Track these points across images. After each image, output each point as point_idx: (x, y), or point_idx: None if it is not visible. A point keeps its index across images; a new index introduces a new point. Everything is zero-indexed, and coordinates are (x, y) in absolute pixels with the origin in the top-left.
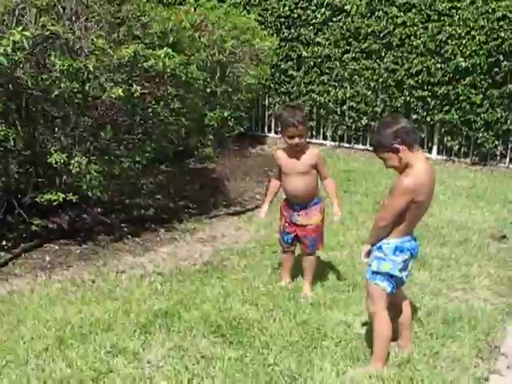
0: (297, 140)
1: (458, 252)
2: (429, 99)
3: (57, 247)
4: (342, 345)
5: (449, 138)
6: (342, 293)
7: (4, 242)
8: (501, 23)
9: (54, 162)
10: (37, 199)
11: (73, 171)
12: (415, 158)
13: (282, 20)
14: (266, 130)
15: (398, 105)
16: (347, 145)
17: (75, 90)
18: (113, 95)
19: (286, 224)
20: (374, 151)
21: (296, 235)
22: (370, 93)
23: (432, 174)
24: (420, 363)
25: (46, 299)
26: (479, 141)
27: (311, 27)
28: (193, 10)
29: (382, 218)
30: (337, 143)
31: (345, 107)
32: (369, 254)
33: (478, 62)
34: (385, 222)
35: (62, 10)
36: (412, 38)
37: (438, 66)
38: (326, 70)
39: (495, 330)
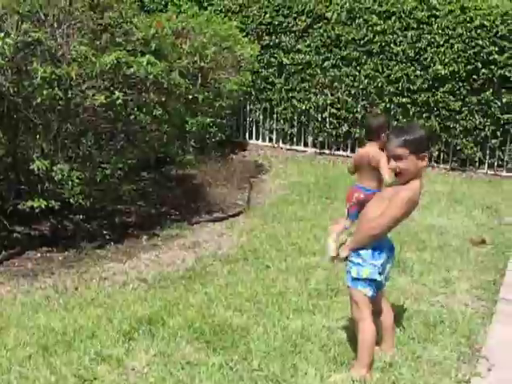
0: None
1: (437, 256)
2: (409, 106)
3: (39, 254)
4: (326, 349)
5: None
6: (324, 298)
7: None
8: (478, 31)
9: (36, 168)
10: (18, 206)
11: (55, 178)
12: (422, 172)
13: (263, 27)
14: (247, 136)
15: (379, 111)
16: (328, 151)
17: (57, 98)
18: (95, 102)
19: None
20: (397, 146)
21: None
22: (350, 99)
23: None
24: (402, 367)
25: (29, 307)
26: (458, 147)
27: (292, 34)
28: (174, 17)
29: (377, 227)
30: (318, 150)
31: (325, 114)
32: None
33: (456, 69)
34: (379, 230)
35: (44, 17)
36: (392, 45)
37: (418, 73)
38: (307, 77)
39: (476, 333)
